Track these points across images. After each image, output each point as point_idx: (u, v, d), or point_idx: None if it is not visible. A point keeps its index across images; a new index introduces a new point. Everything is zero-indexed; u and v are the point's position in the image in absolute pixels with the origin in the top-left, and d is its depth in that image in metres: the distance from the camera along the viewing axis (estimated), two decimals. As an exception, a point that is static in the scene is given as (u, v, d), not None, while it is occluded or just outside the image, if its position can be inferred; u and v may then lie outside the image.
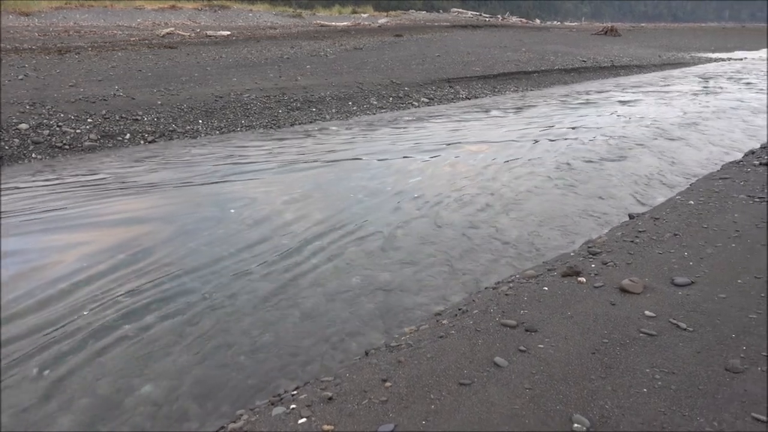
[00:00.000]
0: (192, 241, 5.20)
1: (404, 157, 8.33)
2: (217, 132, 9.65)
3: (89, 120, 8.93)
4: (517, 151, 8.71)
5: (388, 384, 2.64)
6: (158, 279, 4.42)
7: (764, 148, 7.97)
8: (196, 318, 3.88)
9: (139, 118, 9.45)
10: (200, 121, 9.92)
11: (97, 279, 4.37)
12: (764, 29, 59.55)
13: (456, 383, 2.60)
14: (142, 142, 8.78)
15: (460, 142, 9.26)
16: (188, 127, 9.58)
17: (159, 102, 10.31)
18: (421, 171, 7.61)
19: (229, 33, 23.76)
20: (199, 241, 5.19)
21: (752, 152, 7.84)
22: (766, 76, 19.58)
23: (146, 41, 19.69)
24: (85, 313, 3.86)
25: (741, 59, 27.59)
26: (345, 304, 4.11)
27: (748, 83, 17.78)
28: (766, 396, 2.41)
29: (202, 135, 9.43)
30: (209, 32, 23.59)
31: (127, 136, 8.80)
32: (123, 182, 6.86)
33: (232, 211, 6.01)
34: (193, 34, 22.99)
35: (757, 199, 5.29)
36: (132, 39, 20.02)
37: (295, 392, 2.85)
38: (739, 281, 3.55)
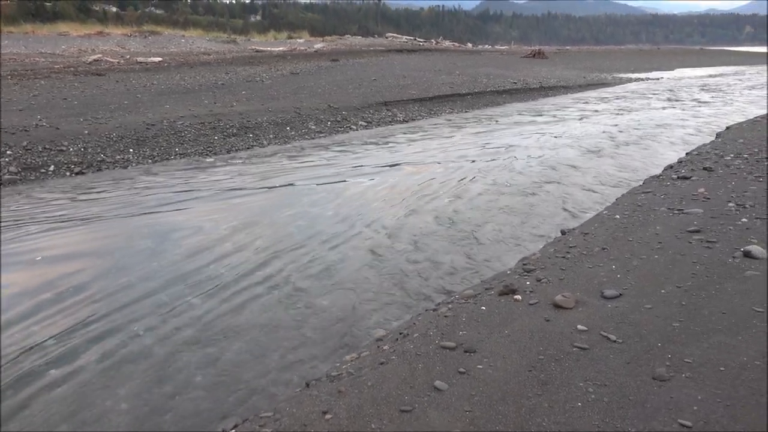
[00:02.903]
0: (124, 276, 4.98)
1: (344, 180, 8.35)
2: (150, 161, 9.35)
3: (8, 152, 8.46)
4: (455, 171, 8.90)
5: (328, 416, 2.59)
6: (87, 318, 4.19)
7: (681, 162, 8.48)
8: (128, 358, 3.69)
9: (65, 148, 9.04)
10: (131, 150, 9.60)
11: (18, 322, 4.10)
12: (677, 50, 64.06)
13: (397, 410, 2.59)
14: (68, 173, 8.38)
15: (399, 164, 9.38)
16: (118, 157, 9.24)
17: (86, 131, 9.91)
18: (361, 194, 7.64)
19: (160, 59, 23.24)
20: (132, 276, 4.98)
21: (671, 166, 8.32)
22: (682, 94, 20.96)
23: (72, 68, 18.94)
24: (3, 363, 3.60)
25: (658, 79, 29.48)
26: (286, 334, 4.03)
27: (668, 100, 18.97)
28: (691, 402, 2.53)
29: (134, 164, 9.12)
30: (140, 58, 22.99)
31: (51, 168, 8.39)
32: (48, 217, 6.51)
33: (168, 242, 5.81)
34: (122, 61, 22.33)
35: (677, 211, 5.60)
36: (56, 66, 19.20)
37: (233, 431, 2.75)
38: (662, 291, 3.73)
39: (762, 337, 3.05)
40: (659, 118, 14.74)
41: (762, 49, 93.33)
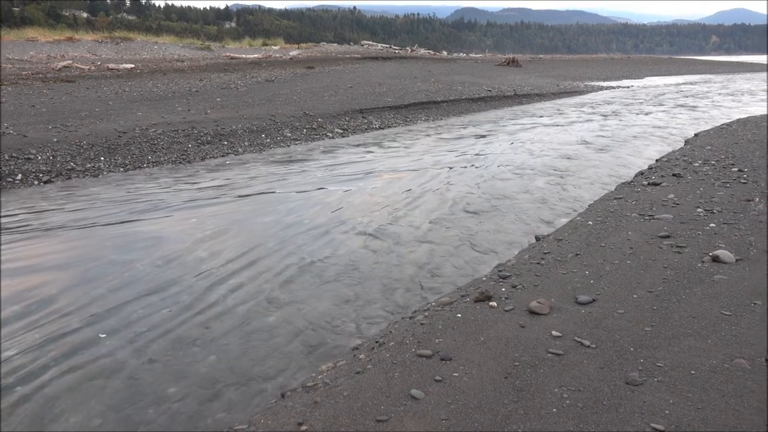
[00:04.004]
0: (95, 288, 4.86)
1: (320, 188, 8.31)
2: (121, 169, 9.19)
3: (-26, 161, 8.23)
4: (431, 178, 8.94)
5: (304, 428, 2.56)
6: (57, 332, 4.08)
7: (651, 168, 8.66)
8: (100, 373, 3.60)
9: (32, 156, 8.83)
10: (102, 159, 9.42)
11: (-18, 337, 3.97)
12: (647, 59, 65.61)
13: (373, 420, 2.57)
14: (36, 182, 8.18)
15: (375, 171, 9.38)
16: (89, 165, 9.06)
17: (55, 139, 9.70)
18: (338, 202, 7.61)
19: (132, 66, 22.91)
20: (103, 288, 4.86)
21: (641, 173, 8.50)
22: (652, 103, 21.43)
23: (40, 75, 18.55)
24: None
25: (628, 87, 30.11)
26: (261, 344, 3.98)
27: (638, 108, 19.37)
28: (663, 406, 2.56)
29: (105, 173, 8.95)
30: (111, 65, 22.63)
31: (18, 176, 8.18)
32: (14, 228, 6.33)
33: (139, 252, 5.70)
34: (93, 67, 21.95)
35: (648, 217, 5.71)
36: (24, 73, 18.78)
37: (206, 445, 2.70)
38: (634, 296, 3.79)
39: (731, 341, 3.11)
40: (631, 125, 15.03)
41: (728, 58, 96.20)
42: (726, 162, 8.27)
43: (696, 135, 12.16)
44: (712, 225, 5.24)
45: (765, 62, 63.92)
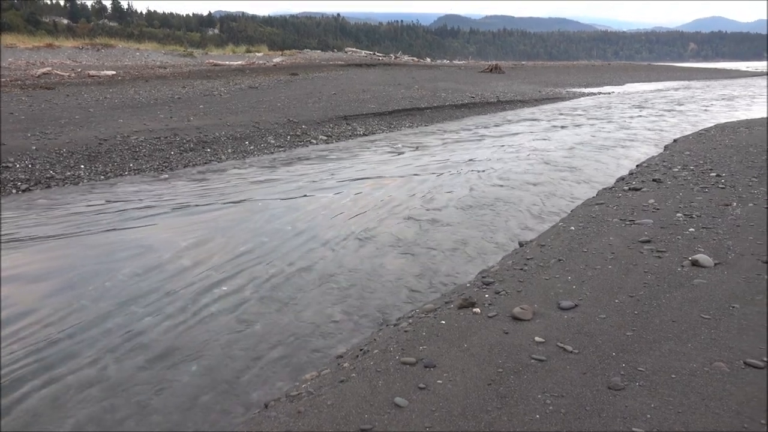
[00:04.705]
0: (77, 298, 4.79)
1: (305, 195, 8.29)
2: (102, 177, 9.08)
3: (-51, 170, 8.08)
4: (417, 185, 8.96)
5: (287, 438, 2.54)
6: (36, 343, 4.01)
7: (632, 173, 8.78)
8: (80, 385, 3.54)
9: (11, 165, 8.70)
10: (82, 166, 9.30)
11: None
12: (627, 66, 66.56)
13: (357, 429, 2.56)
14: (14, 191, 8.05)
15: (360, 178, 9.38)
16: (69, 173, 8.94)
17: (34, 147, 9.56)
18: (322, 209, 7.59)
19: (114, 73, 22.69)
20: (84, 298, 4.79)
21: (622, 178, 8.60)
22: (633, 109, 21.74)
23: (19, 82, 18.29)
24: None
25: (609, 93, 30.52)
26: (244, 354, 3.94)
27: (620, 114, 19.63)
28: (644, 410, 2.59)
29: (85, 181, 8.83)
30: (92, 72, 22.38)
31: (-4, 185, 8.04)
32: (-10, 237, 6.22)
33: (122, 261, 5.62)
34: (73, 74, 21.70)
35: (628, 222, 5.78)
36: (2, 80, 18.50)
37: (188, 457, 2.66)
38: (616, 301, 3.83)
39: (710, 344, 3.15)
40: (613, 130, 15.23)
41: (706, 65, 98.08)
42: (704, 167, 8.40)
43: (675, 140, 12.35)
44: (691, 229, 5.32)
45: (742, 69, 65.39)
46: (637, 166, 9.62)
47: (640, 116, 18.99)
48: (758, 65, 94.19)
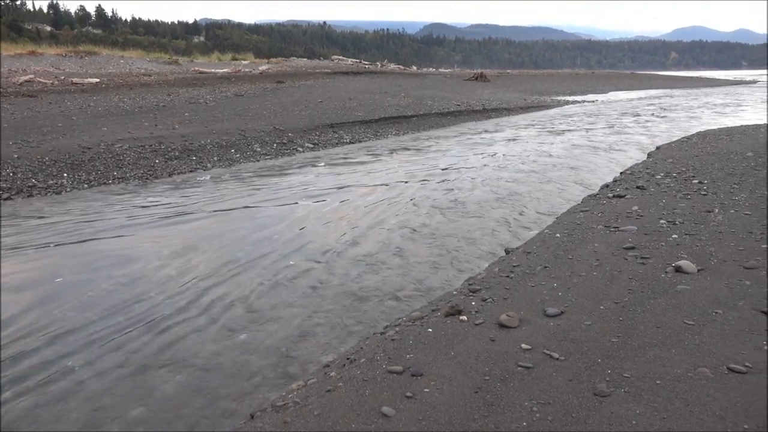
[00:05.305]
0: (57, 308, 4.72)
1: (292, 203, 8.26)
2: (86, 186, 8.98)
3: (-72, 178, 7.94)
4: (402, 192, 8.97)
5: (273, 449, 2.51)
6: (15, 354, 3.93)
7: (616, 181, 8.87)
8: (61, 396, 3.48)
9: (-8, 174, 8.56)
10: (65, 175, 9.19)
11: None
12: (610, 75, 67.47)
13: (344, 439, 2.54)
14: (-6, 200, 7.93)
15: (346, 186, 9.37)
16: (51, 182, 8.83)
17: (15, 155, 9.44)
18: (308, 217, 7.57)
19: (98, 80, 22.50)
20: (65, 307, 4.72)
21: (606, 185, 8.69)
22: (618, 116, 22.00)
23: (0, 90, 18.06)
24: None
25: (593, 101, 30.89)
26: (230, 363, 3.90)
27: (605, 122, 19.85)
28: (630, 417, 2.60)
29: (68, 190, 8.73)
30: (75, 79, 22.18)
31: (-23, 194, 7.92)
32: (-30, 247, 6.11)
33: (104, 270, 5.55)
34: (56, 82, 21.48)
35: (613, 229, 5.83)
36: (-16, 87, 18.27)
37: (172, 470, 2.62)
38: (601, 308, 3.85)
39: (694, 350, 3.18)
40: (598, 138, 15.39)
41: (687, 73, 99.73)
42: (687, 174, 8.52)
43: (658, 148, 12.52)
44: (674, 236, 5.38)
45: (721, 77, 66.53)
46: (620, 173, 9.72)
47: (625, 122, 19.21)
48: (736, 73, 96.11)
